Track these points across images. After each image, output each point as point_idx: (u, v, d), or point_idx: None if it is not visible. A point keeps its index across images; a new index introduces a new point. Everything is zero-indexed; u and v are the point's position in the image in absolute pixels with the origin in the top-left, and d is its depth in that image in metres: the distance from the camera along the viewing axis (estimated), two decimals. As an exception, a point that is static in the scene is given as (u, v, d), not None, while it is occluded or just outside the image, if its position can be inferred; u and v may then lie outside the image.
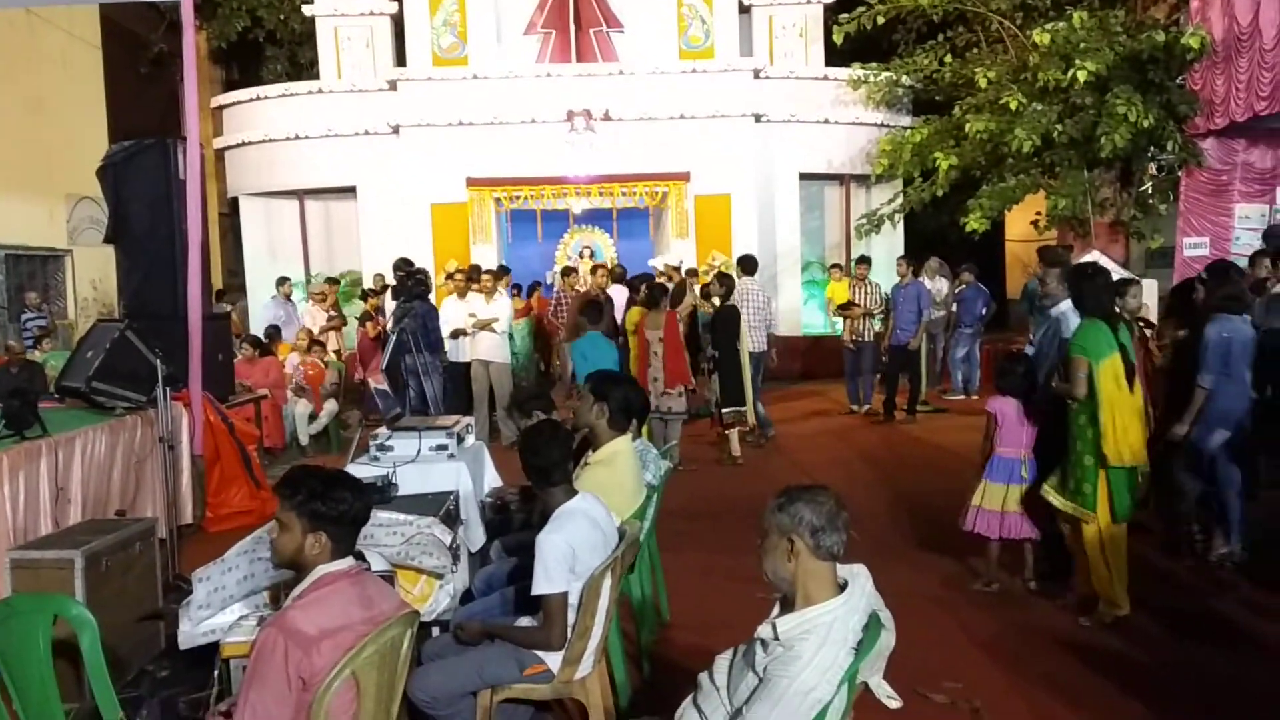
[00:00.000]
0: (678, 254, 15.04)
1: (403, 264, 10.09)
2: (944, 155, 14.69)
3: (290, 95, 16.83)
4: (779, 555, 2.65)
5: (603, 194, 15.90)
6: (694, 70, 15.95)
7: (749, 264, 10.89)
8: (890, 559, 6.21)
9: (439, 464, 5.25)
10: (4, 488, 5.28)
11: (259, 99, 17.06)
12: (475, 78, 15.81)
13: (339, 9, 16.65)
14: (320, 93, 16.67)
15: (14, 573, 4.41)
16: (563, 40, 16.37)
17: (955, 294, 13.50)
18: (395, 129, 15.92)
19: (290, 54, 19.31)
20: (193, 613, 3.71)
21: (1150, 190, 15.09)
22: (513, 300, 13.02)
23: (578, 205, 16.40)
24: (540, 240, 16.55)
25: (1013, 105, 13.62)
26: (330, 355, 12.08)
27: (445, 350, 9.72)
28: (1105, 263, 13.32)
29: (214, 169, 17.23)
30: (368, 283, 15.12)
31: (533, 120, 15.62)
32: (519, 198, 15.88)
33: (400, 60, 16.65)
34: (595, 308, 9.81)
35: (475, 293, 10.78)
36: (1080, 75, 12.84)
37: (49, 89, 14.83)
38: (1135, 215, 14.73)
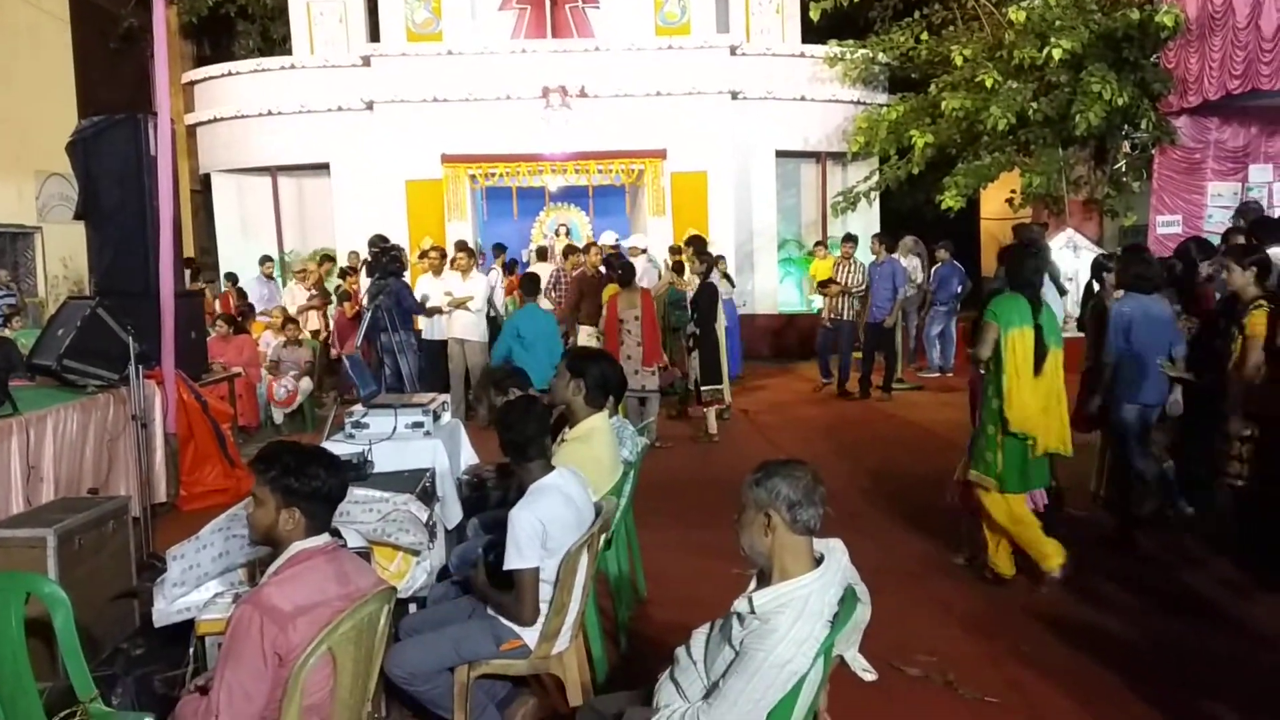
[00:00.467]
0: (645, 235, 14.95)
1: (378, 241, 10.00)
2: (920, 133, 14.71)
3: (262, 71, 16.63)
4: (755, 530, 2.67)
5: (578, 171, 15.82)
6: (670, 47, 15.87)
7: (699, 244, 10.99)
8: (866, 534, 6.27)
9: (415, 441, 5.23)
10: (-26, 466, 5.24)
11: (231, 74, 16.85)
12: (450, 54, 15.66)
13: (312, -17, 16.48)
14: (293, 68, 16.50)
15: (-14, 551, 4.37)
16: (538, 16, 16.24)
17: (931, 272, 13.55)
18: (369, 105, 15.78)
19: (262, 29, 19.06)
20: (167, 590, 3.69)
21: (1124, 168, 15.18)
22: (507, 279, 12.99)
23: (553, 182, 16.32)
24: (516, 218, 16.46)
25: (988, 83, 13.65)
26: (305, 334, 12.02)
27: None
28: (1080, 241, 13.52)
29: (185, 145, 17.02)
30: (342, 261, 15.01)
31: (508, 97, 15.51)
32: (494, 175, 15.77)
33: (374, 36, 16.45)
34: (532, 280, 9.87)
35: (451, 270, 10.73)
36: (1055, 53, 12.89)
37: (17, 64, 14.60)
38: (1109, 193, 14.82)
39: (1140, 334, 5.97)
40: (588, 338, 10.44)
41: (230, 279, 14.50)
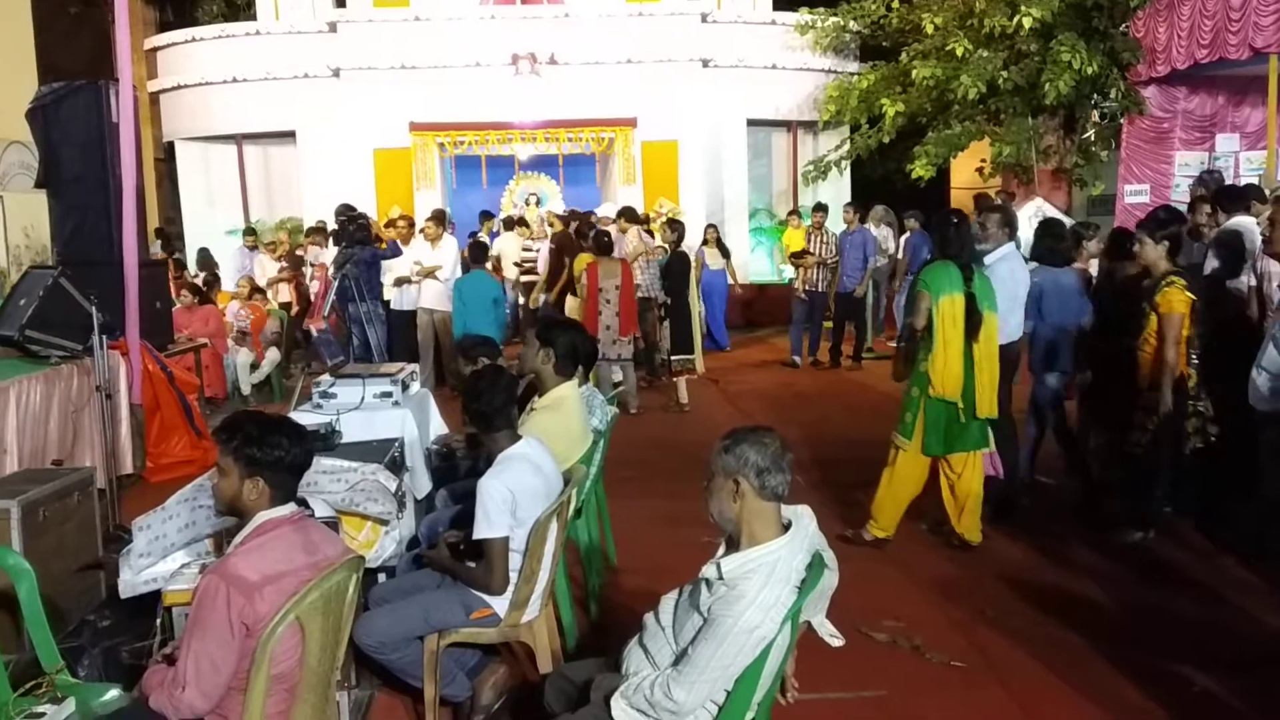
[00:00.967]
0: (615, 205, 14.85)
1: (345, 209, 9.91)
2: (890, 102, 14.72)
3: (227, 37, 16.41)
4: (724, 496, 2.67)
5: (548, 140, 15.73)
6: (641, 14, 15.78)
7: (630, 214, 10.99)
8: (834, 501, 6.32)
9: (383, 411, 5.21)
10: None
11: (194, 40, 16.61)
12: (417, 19, 15.49)
13: (276, -52, 16.22)
14: (258, 34, 16.30)
15: (-52, 524, 4.31)
16: (507, -19, 16.08)
17: (901, 241, 13.56)
18: (335, 72, 15.59)
19: (226, -6, 18.79)
20: (133, 561, 3.66)
21: (1093, 137, 15.26)
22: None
23: (523, 151, 16.23)
24: (485, 187, 16.36)
25: (959, 52, 13.66)
26: (273, 304, 11.90)
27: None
28: (1049, 210, 13.57)
29: (149, 113, 16.74)
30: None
31: (477, 64, 15.36)
32: (463, 143, 15.66)
33: (340, 1, 16.25)
34: (480, 247, 9.86)
35: (420, 239, 10.64)
36: (1025, 22, 12.92)
37: (-27, 29, 14.29)
38: (1078, 162, 14.91)
39: (1051, 305, 6.13)
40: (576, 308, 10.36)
41: (203, 256, 14.12)
